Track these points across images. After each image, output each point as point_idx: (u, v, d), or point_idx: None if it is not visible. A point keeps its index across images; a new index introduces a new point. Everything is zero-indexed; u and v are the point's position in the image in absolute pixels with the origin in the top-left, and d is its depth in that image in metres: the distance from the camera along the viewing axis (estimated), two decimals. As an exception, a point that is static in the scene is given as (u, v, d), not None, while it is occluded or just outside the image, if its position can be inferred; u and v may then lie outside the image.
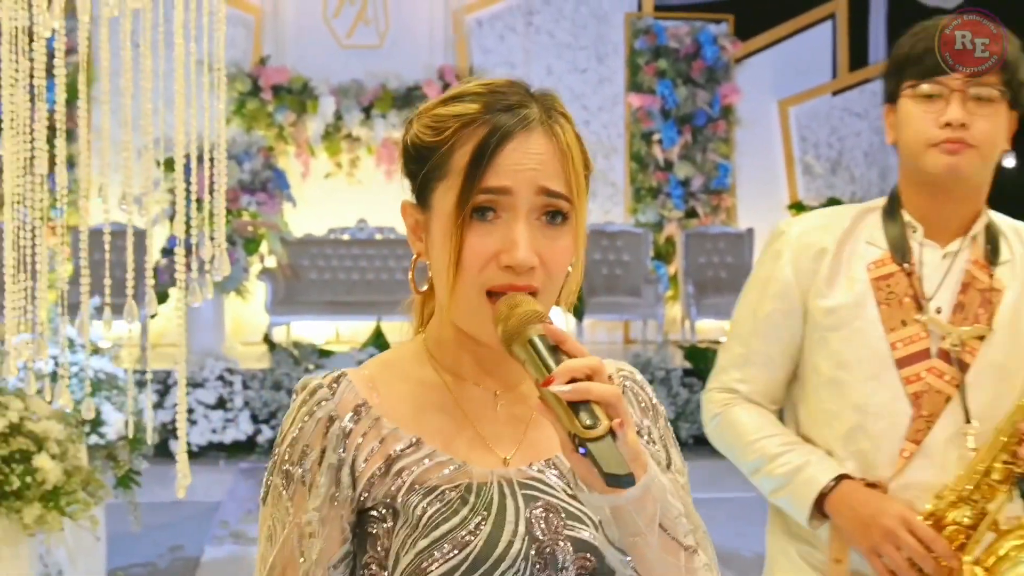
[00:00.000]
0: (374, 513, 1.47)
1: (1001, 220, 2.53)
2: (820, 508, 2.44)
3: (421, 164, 1.51)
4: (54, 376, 5.26)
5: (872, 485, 2.41)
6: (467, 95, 1.49)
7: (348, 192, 12.07)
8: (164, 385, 9.32)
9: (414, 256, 1.56)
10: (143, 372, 4.72)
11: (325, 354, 10.07)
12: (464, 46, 12.40)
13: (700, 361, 9.89)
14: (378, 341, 10.28)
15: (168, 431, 9.08)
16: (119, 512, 5.79)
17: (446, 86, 11.99)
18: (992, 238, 2.47)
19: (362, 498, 1.48)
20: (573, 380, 1.31)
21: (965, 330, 2.40)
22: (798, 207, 11.91)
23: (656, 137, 12.32)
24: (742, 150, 12.53)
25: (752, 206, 12.46)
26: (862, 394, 2.43)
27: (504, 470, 1.50)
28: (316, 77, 12.01)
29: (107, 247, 3.19)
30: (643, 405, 1.62)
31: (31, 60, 2.97)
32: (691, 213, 12.31)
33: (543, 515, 1.47)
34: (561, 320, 9.83)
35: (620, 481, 1.28)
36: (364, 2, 12.32)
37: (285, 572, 1.48)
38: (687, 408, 9.69)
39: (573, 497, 1.50)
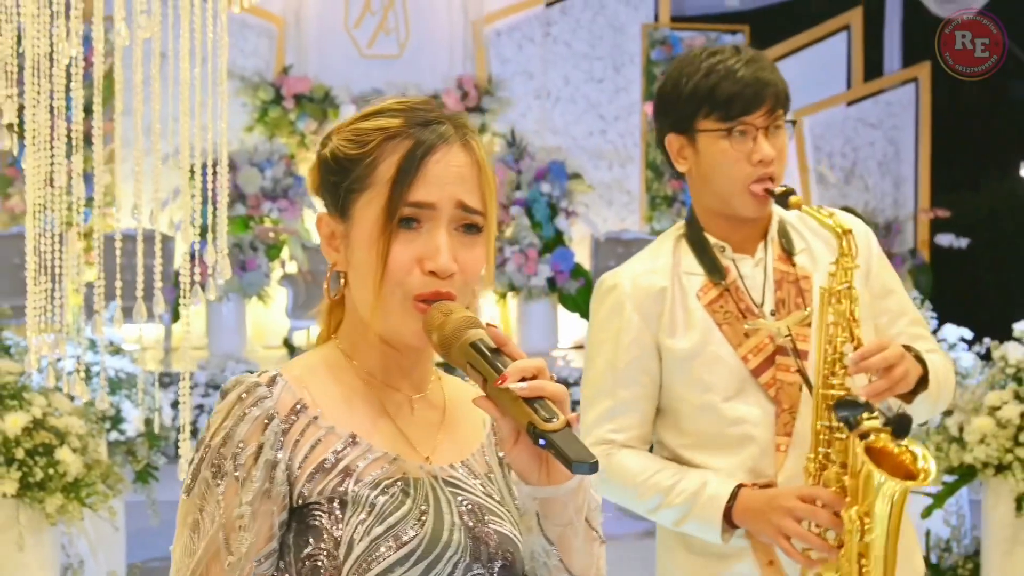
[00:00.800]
0: (317, 507, 1.55)
1: (783, 214, 2.70)
2: (728, 521, 2.56)
3: (342, 176, 1.60)
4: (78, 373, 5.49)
5: (765, 486, 2.56)
6: (387, 111, 1.61)
7: (368, 199, 12.28)
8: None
9: (330, 265, 1.64)
10: (166, 373, 4.93)
11: (345, 357, 10.26)
12: (483, 56, 12.57)
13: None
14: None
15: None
16: (138, 509, 6.00)
17: (465, 95, 12.20)
18: (784, 233, 2.68)
19: (301, 494, 1.56)
20: (524, 379, 1.44)
21: (786, 321, 2.59)
22: (811, 216, 12.08)
23: (672, 146, 12.45)
24: (758, 159, 12.65)
25: (766, 215, 12.58)
26: (734, 410, 2.61)
27: (430, 467, 1.61)
28: (337, 86, 12.19)
29: (118, 252, 3.37)
30: None
31: (51, 82, 3.16)
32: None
33: (469, 509, 1.60)
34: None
35: (585, 468, 1.40)
36: (385, 12, 12.51)
37: (210, 566, 1.53)
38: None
39: (488, 495, 1.63)
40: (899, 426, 2.39)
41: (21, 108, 3.17)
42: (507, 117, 12.37)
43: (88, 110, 3.40)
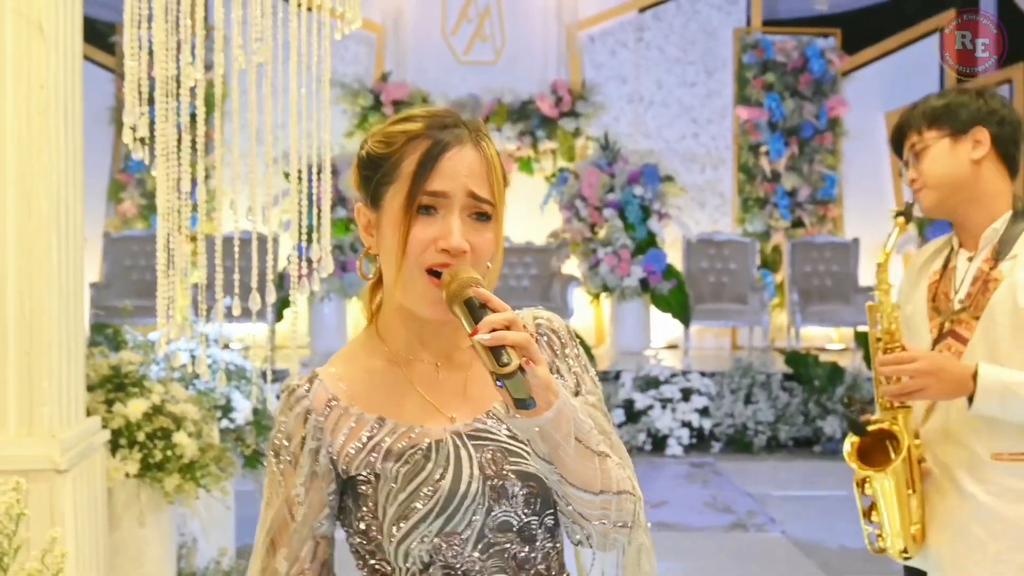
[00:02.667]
0: (360, 479, 1.85)
1: None
2: None
3: (374, 171, 1.86)
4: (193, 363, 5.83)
5: None
6: (412, 118, 1.87)
7: (464, 202, 12.54)
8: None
9: (364, 249, 1.91)
10: (272, 369, 5.25)
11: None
12: (577, 61, 12.82)
13: (800, 366, 10.15)
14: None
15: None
16: (245, 498, 6.32)
17: (559, 100, 12.44)
18: (1004, 240, 3.01)
19: (345, 470, 1.86)
20: (493, 330, 1.67)
21: (947, 313, 3.03)
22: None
23: (763, 149, 12.60)
24: (849, 161, 12.74)
25: (859, 216, 12.65)
26: None
27: (453, 426, 1.87)
28: (435, 92, 12.51)
29: (237, 251, 3.67)
30: (555, 348, 1.97)
31: (178, 101, 3.48)
32: (797, 223, 12.55)
33: (491, 457, 1.85)
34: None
35: (524, 404, 1.66)
36: (481, 20, 12.81)
37: (280, 532, 1.85)
38: (786, 411, 9.95)
39: (513, 438, 1.88)
40: (853, 427, 3.08)
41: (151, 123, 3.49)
42: (600, 121, 12.60)
43: (201, 120, 3.73)
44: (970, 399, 2.88)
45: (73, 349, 4.09)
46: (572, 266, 12.20)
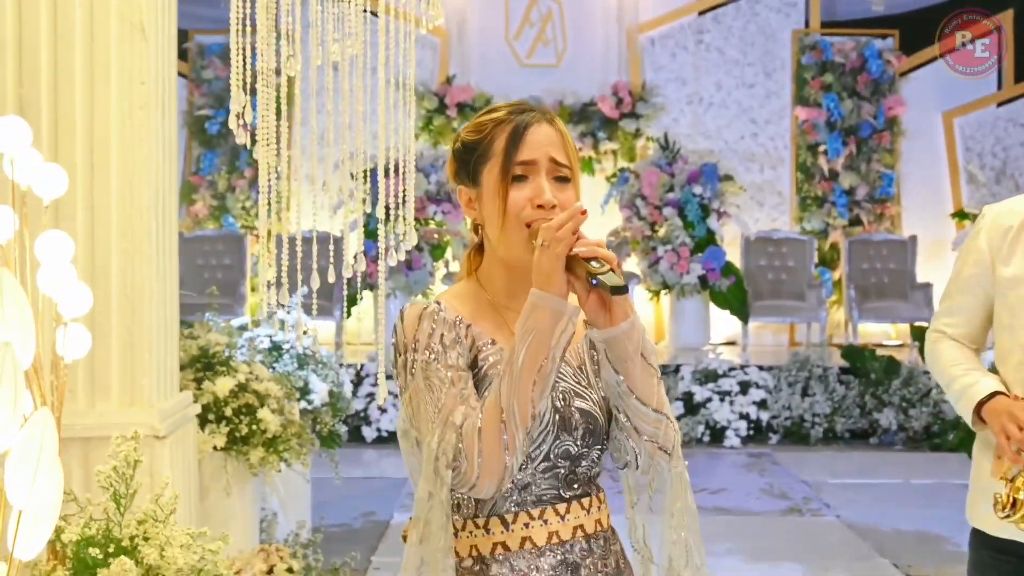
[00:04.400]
0: (479, 375, 2.17)
1: None
2: (978, 415, 3.15)
3: (470, 155, 2.24)
4: (271, 350, 6.16)
5: (1018, 399, 3.11)
6: (497, 108, 2.27)
7: (526, 202, 12.83)
8: (358, 376, 10.16)
9: (472, 222, 2.28)
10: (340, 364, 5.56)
11: (504, 349, 10.81)
12: (637, 64, 13.09)
13: (856, 360, 10.35)
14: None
15: (360, 419, 9.97)
16: (319, 483, 6.66)
17: (620, 102, 12.71)
18: None
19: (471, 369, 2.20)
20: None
21: None
22: (961, 215, 12.28)
23: (822, 148, 12.80)
24: (907, 160, 12.91)
25: (916, 214, 12.82)
26: None
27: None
28: (498, 94, 12.79)
29: (299, 250, 4.01)
30: None
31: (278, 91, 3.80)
32: (855, 221, 12.73)
33: (561, 395, 2.21)
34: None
35: (621, 290, 2.02)
36: (543, 24, 13.11)
37: (455, 406, 2.07)
38: (843, 404, 10.16)
39: (578, 382, 2.23)
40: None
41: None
42: (661, 122, 12.85)
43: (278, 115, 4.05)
44: None
45: (169, 326, 4.41)
46: (632, 264, 12.46)
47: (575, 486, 2.22)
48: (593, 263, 2.04)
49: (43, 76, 4.03)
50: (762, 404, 10.25)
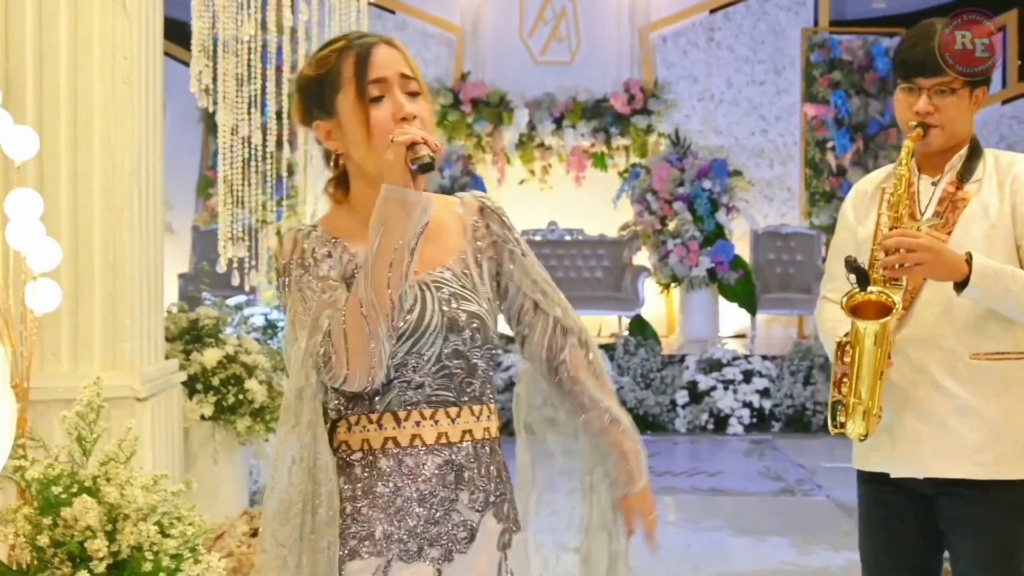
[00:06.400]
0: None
1: (991, 153, 3.32)
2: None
3: (320, 88, 2.31)
4: (266, 328, 6.35)
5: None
6: (334, 41, 2.35)
7: (540, 197, 13.03)
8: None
9: (334, 154, 2.34)
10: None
11: (512, 340, 10.95)
12: (649, 61, 13.24)
13: (859, 350, 10.44)
14: (562, 331, 11.13)
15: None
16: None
17: (632, 98, 12.86)
18: (967, 166, 3.28)
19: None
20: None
21: (919, 224, 3.23)
22: (966, 210, 12.34)
23: (830, 145, 12.94)
24: (913, 156, 12.96)
25: (923, 210, 12.87)
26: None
27: (420, 276, 2.32)
28: (512, 91, 13.04)
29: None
30: (504, 220, 2.48)
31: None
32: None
33: (447, 298, 2.32)
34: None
35: (426, 167, 2.14)
36: (557, 22, 13.27)
37: (321, 311, 2.18)
38: (845, 393, 10.26)
39: (463, 287, 2.34)
40: (859, 278, 3.11)
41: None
42: (672, 118, 13.00)
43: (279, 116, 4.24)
44: (962, 285, 3.07)
45: (153, 293, 4.59)
46: (643, 257, 12.59)
47: (468, 391, 2.34)
48: (418, 150, 2.16)
49: (28, 51, 4.22)
50: (765, 393, 10.39)
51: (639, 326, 11.62)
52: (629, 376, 10.57)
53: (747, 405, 10.32)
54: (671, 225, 12.18)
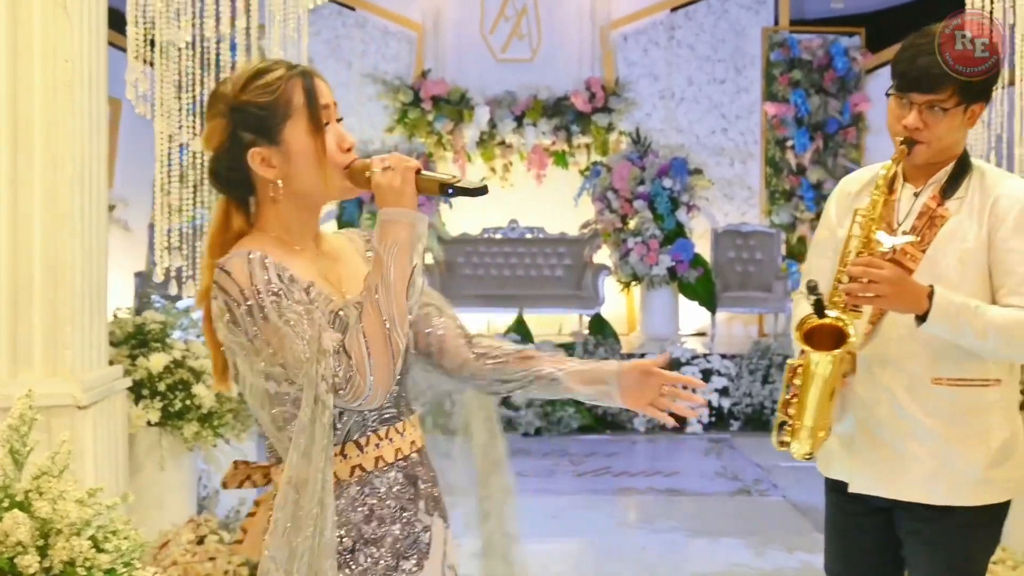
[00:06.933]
0: None
1: (979, 170, 3.27)
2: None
3: (265, 115, 2.29)
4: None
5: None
6: (270, 68, 2.33)
7: (501, 195, 12.96)
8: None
9: (274, 179, 2.31)
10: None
11: (471, 339, 10.93)
12: (610, 59, 13.22)
13: (817, 349, 10.47)
14: (519, 329, 11.13)
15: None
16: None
17: (593, 96, 12.85)
18: (951, 181, 3.25)
19: None
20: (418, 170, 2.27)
21: (894, 239, 3.21)
22: (925, 210, 12.39)
23: (790, 143, 12.95)
24: (871, 155, 12.94)
25: (882, 209, 12.91)
26: None
27: (349, 297, 2.32)
28: (473, 88, 13.00)
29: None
30: None
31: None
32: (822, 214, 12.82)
33: None
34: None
35: (482, 190, 2.28)
36: (518, 19, 13.24)
37: (319, 334, 2.16)
38: (803, 392, 10.29)
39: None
40: (815, 306, 3.12)
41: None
42: (633, 117, 13.00)
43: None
44: (922, 318, 3.06)
45: (95, 299, 4.53)
46: (604, 256, 12.58)
47: (403, 403, 2.39)
48: (444, 176, 2.28)
49: (-34, 54, 4.16)
50: (724, 392, 10.40)
51: (599, 325, 11.62)
52: (588, 375, 10.53)
53: (706, 404, 10.30)
54: (632, 223, 12.18)
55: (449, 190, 2.26)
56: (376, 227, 2.24)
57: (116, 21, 4.65)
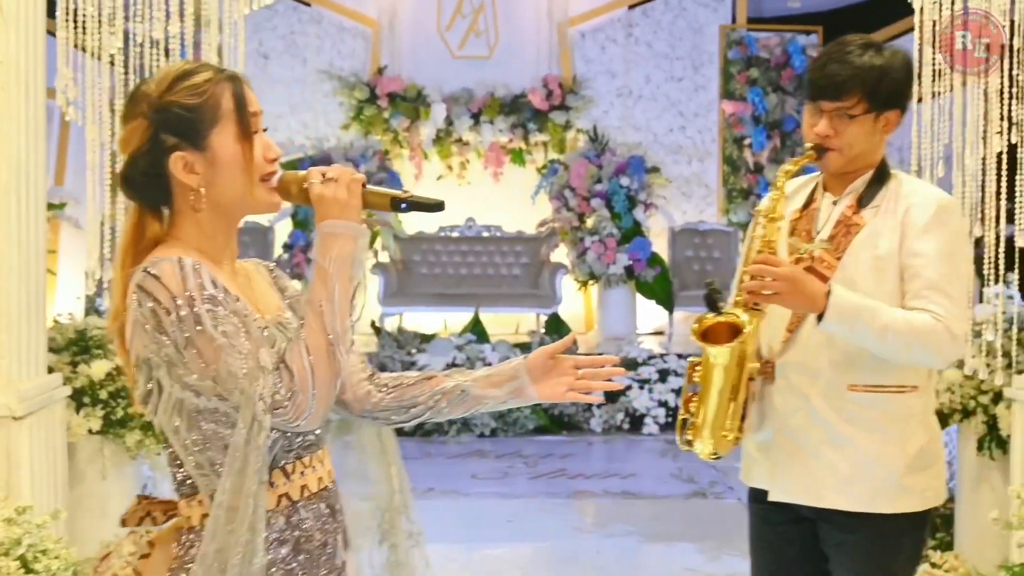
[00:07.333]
0: None
1: (897, 180, 3.29)
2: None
3: (191, 117, 2.18)
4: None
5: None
6: (198, 70, 2.23)
7: (458, 192, 12.90)
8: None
9: (196, 186, 2.19)
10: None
11: (426, 339, 10.87)
12: (568, 57, 13.15)
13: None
14: (475, 328, 11.06)
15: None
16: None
17: (550, 94, 12.78)
18: (868, 190, 3.28)
19: None
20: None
21: (808, 247, 3.26)
22: (880, 207, 12.41)
23: (747, 142, 12.90)
24: (829, 154, 13.01)
25: (840, 207, 12.93)
26: None
27: (272, 318, 2.26)
28: (429, 85, 12.89)
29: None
30: (287, 279, 2.48)
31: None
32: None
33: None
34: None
35: (439, 205, 2.22)
36: (475, 16, 13.15)
37: (258, 349, 2.07)
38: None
39: (302, 327, 2.20)
40: (709, 302, 3.19)
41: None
42: (591, 114, 12.94)
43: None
44: (820, 317, 3.07)
45: (34, 306, 4.44)
46: (561, 254, 12.52)
47: (317, 432, 2.28)
48: (395, 191, 2.20)
49: None
50: (680, 392, 10.34)
51: (555, 325, 11.56)
52: (545, 375, 10.47)
53: (663, 404, 10.28)
54: (589, 222, 12.12)
55: (403, 205, 2.18)
56: (317, 240, 2.15)
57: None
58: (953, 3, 4.48)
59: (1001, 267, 4.71)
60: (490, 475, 8.67)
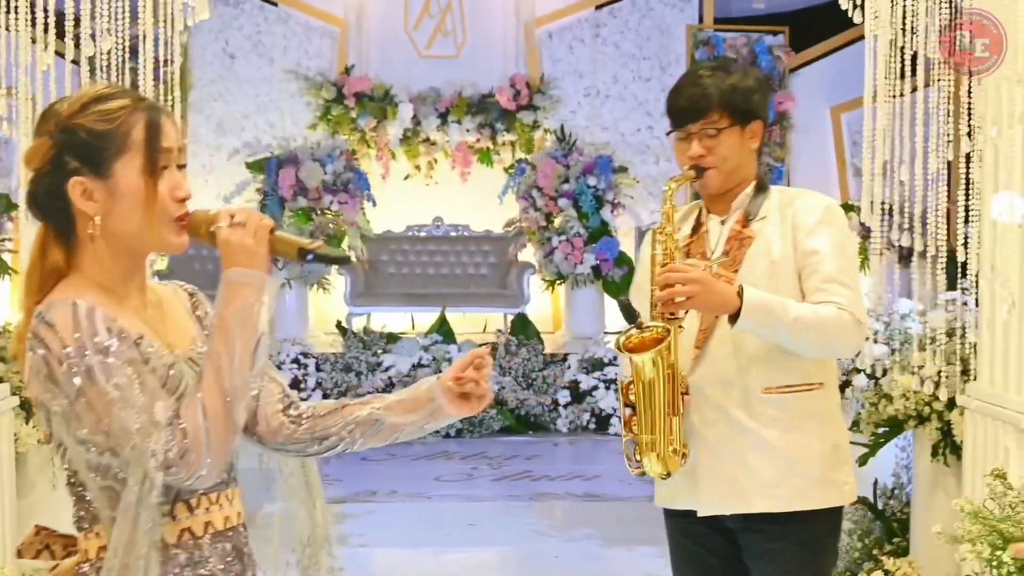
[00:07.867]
0: None
1: (777, 190, 3.40)
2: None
3: (97, 143, 2.10)
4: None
5: None
6: (114, 95, 2.14)
7: (425, 192, 12.89)
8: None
9: (93, 214, 2.11)
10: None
11: (392, 339, 10.85)
12: (535, 56, 13.14)
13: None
14: (442, 328, 11.04)
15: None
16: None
17: (517, 93, 12.76)
18: (753, 204, 3.36)
19: None
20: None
21: (707, 263, 3.30)
22: (848, 207, 12.40)
23: (715, 141, 12.90)
24: (796, 154, 13.03)
25: (806, 207, 12.94)
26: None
27: (185, 353, 2.20)
28: (396, 85, 12.86)
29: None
30: (208, 303, 2.39)
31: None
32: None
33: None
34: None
35: (346, 259, 2.25)
36: (443, 15, 13.12)
37: (152, 403, 2.00)
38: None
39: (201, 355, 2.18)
40: (627, 317, 3.20)
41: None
42: (558, 114, 12.93)
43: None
44: (734, 317, 3.11)
45: (-21, 317, 4.40)
46: (529, 254, 12.52)
47: (231, 471, 2.24)
48: (303, 240, 2.15)
49: None
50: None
51: (521, 325, 11.54)
52: (511, 376, 10.49)
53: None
54: (556, 222, 12.12)
55: (308, 256, 2.12)
56: (221, 288, 2.08)
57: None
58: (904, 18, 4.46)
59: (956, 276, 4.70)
60: (454, 477, 8.66)
